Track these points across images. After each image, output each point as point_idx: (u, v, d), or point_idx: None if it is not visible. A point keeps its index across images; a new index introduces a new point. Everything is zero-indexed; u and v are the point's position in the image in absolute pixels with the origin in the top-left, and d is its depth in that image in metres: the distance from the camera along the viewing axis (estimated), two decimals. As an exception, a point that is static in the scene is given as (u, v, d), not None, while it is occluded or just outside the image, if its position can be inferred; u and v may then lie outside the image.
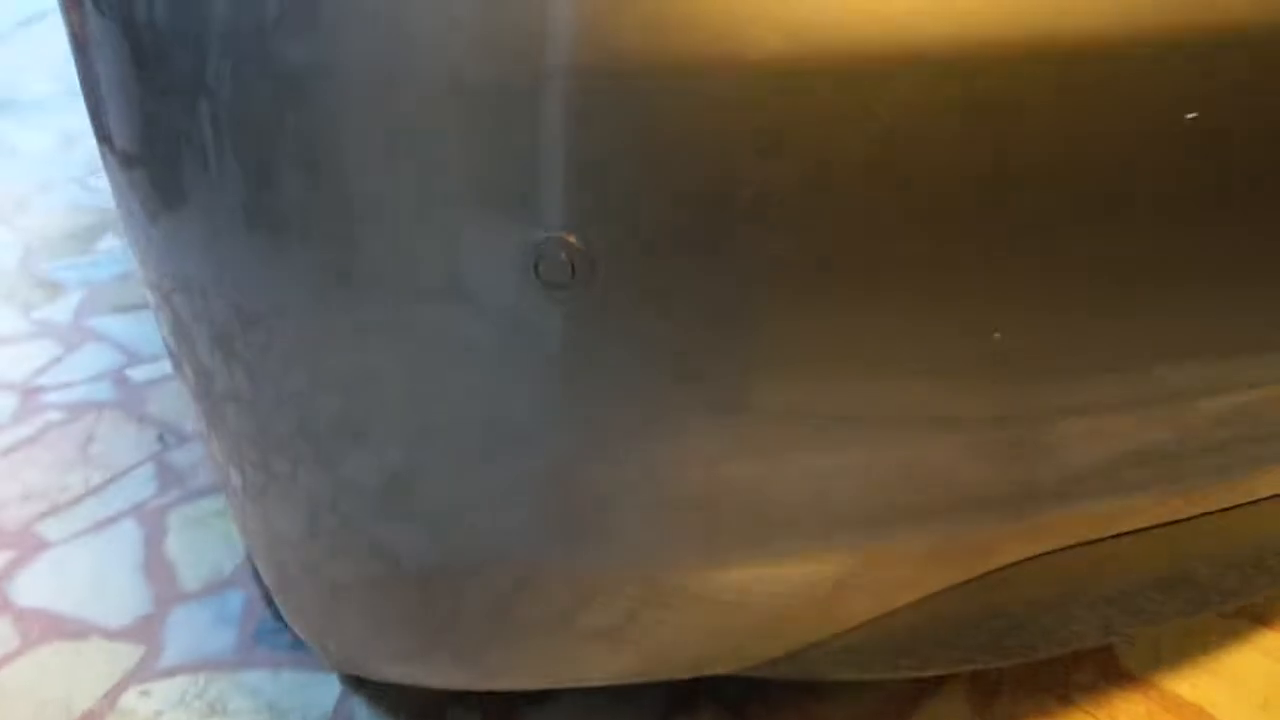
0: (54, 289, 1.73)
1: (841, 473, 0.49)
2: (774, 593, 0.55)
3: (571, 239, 0.40)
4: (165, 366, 1.49)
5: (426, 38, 0.39)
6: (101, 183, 2.25)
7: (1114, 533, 0.56)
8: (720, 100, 0.38)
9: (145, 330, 1.59)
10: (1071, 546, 0.56)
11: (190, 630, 1.00)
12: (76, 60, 0.59)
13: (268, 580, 0.66)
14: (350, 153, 0.43)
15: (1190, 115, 0.41)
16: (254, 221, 0.48)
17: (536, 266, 0.41)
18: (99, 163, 2.36)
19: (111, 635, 1.00)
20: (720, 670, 0.60)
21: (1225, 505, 0.59)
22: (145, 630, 1.00)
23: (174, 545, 1.12)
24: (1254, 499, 0.60)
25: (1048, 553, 0.55)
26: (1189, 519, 0.58)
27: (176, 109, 0.49)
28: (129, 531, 1.14)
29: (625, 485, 0.49)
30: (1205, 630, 1.00)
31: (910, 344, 0.45)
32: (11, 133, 2.61)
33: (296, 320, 0.49)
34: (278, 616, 1.00)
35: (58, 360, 1.50)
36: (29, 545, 1.12)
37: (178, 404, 1.39)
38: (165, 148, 0.51)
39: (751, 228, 0.41)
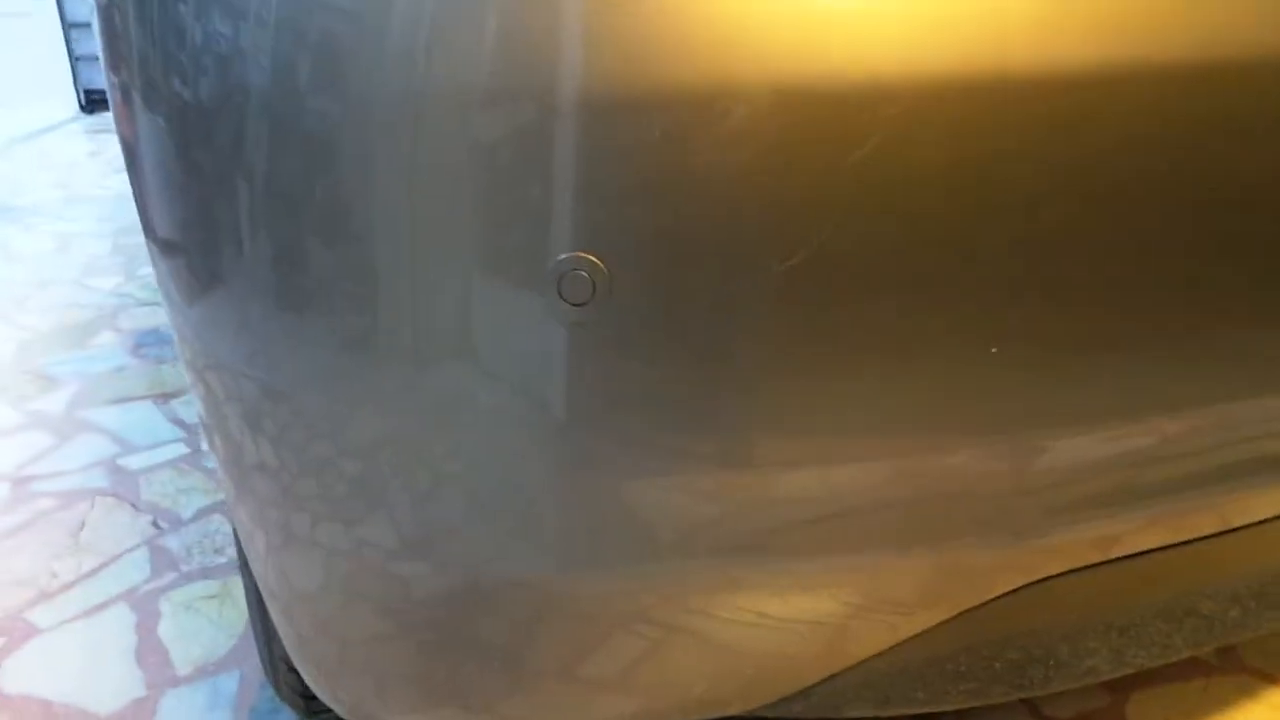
0: (48, 382, 1.74)
1: (847, 493, 0.50)
2: (783, 626, 0.55)
3: (592, 257, 0.43)
4: (160, 454, 1.49)
5: (445, 85, 0.42)
6: (97, 283, 2.28)
7: (1113, 556, 0.57)
8: (730, 129, 0.41)
9: (140, 420, 1.59)
10: (1075, 570, 0.56)
11: (184, 714, 0.98)
12: (126, 161, 0.63)
13: (285, 637, 0.66)
14: (374, 204, 0.46)
15: None
16: (282, 302, 0.51)
17: (559, 285, 0.43)
18: (95, 264, 2.41)
19: (102, 721, 0.97)
20: (734, 711, 0.60)
21: (1220, 529, 0.60)
22: (137, 715, 0.98)
23: (167, 629, 1.10)
24: (1244, 524, 0.61)
25: (1052, 577, 0.56)
26: (1187, 542, 0.59)
27: (209, 193, 0.52)
28: (121, 616, 1.12)
29: (639, 510, 0.49)
30: (1215, 687, 0.99)
31: (917, 367, 0.47)
32: (11, 236, 2.66)
33: (320, 393, 0.51)
34: (274, 697, 0.98)
35: (51, 450, 1.50)
36: (18, 632, 1.09)
37: (172, 490, 1.38)
38: (200, 235, 0.54)
39: (760, 259, 0.43)
